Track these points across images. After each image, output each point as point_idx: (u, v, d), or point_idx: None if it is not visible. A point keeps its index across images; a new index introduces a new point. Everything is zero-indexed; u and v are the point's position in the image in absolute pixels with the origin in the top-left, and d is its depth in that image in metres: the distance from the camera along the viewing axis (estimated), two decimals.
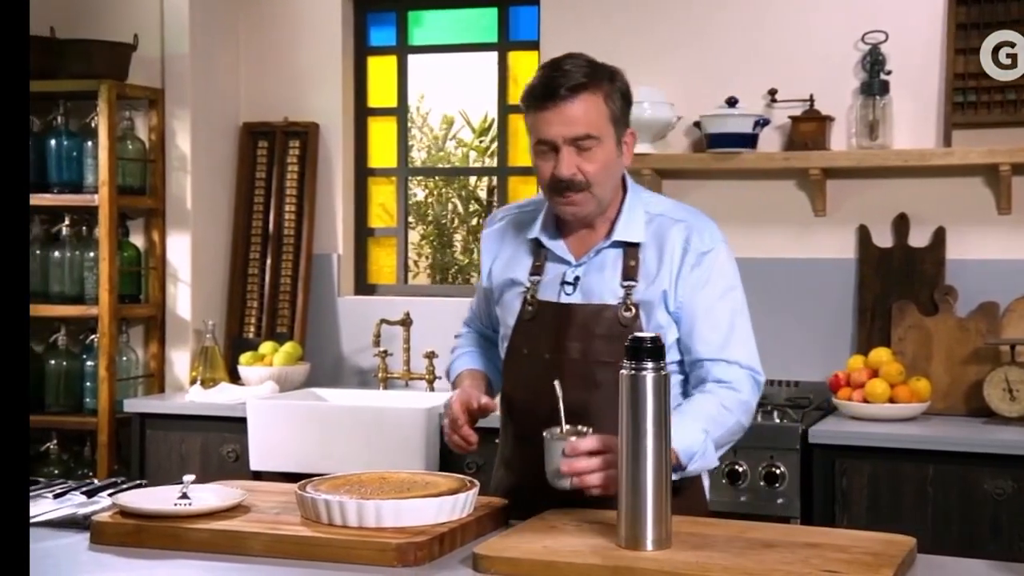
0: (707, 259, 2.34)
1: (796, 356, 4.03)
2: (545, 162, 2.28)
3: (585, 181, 2.27)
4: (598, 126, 2.26)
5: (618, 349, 2.11)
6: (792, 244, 4.06)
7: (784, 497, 3.50)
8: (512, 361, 2.41)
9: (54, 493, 2.39)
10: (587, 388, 2.29)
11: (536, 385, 2.31)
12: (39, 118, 4.49)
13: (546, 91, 2.25)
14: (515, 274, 2.41)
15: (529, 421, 2.30)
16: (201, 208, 4.46)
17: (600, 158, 2.27)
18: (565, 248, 2.38)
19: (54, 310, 4.39)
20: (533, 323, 2.36)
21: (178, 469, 4.00)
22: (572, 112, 2.24)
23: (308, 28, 4.54)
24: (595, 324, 2.31)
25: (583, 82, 2.25)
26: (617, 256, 2.34)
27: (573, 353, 2.31)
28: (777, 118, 4.02)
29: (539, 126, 2.26)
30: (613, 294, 2.32)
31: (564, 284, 2.36)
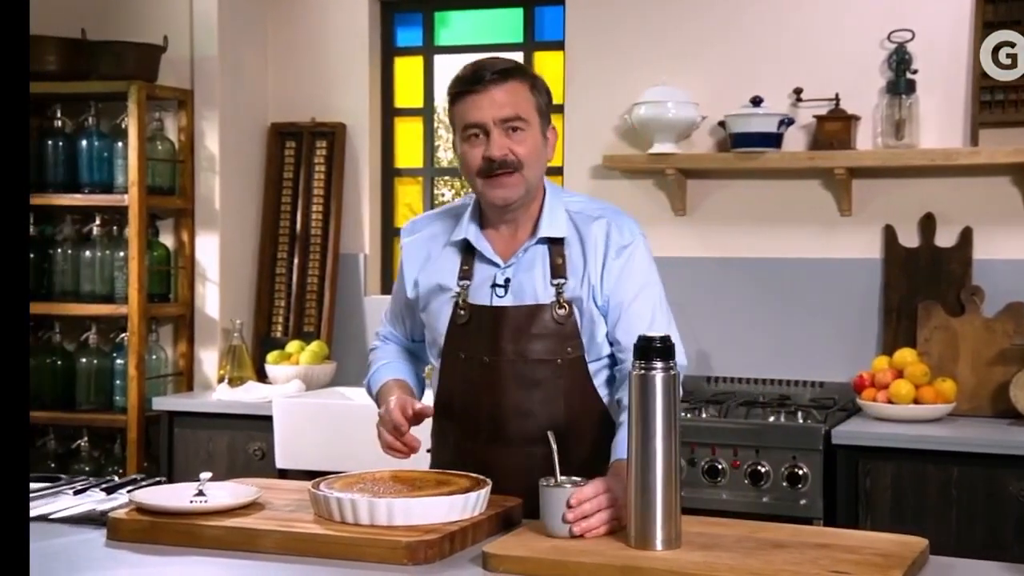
0: (626, 252, 2.38)
1: (821, 357, 4.01)
2: (474, 147, 2.32)
3: (517, 161, 2.31)
4: (526, 111, 2.32)
5: (555, 347, 2.30)
6: (817, 244, 4.04)
7: (807, 498, 3.49)
8: (449, 366, 2.42)
9: (74, 490, 2.42)
10: (527, 387, 2.34)
11: (477, 388, 2.36)
12: (70, 119, 4.55)
13: (475, 76, 2.31)
14: (442, 279, 2.42)
15: (472, 424, 2.37)
16: (229, 208, 4.50)
17: (529, 142, 2.33)
18: (492, 250, 2.41)
19: (85, 309, 4.44)
20: (467, 327, 2.38)
21: (206, 467, 4.03)
22: (501, 95, 2.30)
23: (335, 29, 4.57)
24: (531, 324, 2.34)
25: (510, 68, 2.33)
26: (544, 254, 2.38)
27: (511, 354, 2.34)
28: (802, 117, 4.00)
29: (468, 110, 2.31)
30: (544, 293, 2.36)
31: (495, 287, 2.38)
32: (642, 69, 4.14)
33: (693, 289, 4.15)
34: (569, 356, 2.35)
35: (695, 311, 4.14)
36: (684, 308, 4.11)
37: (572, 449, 2.26)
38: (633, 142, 4.17)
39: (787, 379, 4.03)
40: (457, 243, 2.42)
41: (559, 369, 2.35)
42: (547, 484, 2.07)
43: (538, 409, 2.33)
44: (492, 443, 2.36)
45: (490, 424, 2.36)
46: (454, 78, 2.36)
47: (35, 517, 2.25)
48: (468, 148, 2.33)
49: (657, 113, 4.00)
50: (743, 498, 3.54)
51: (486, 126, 2.30)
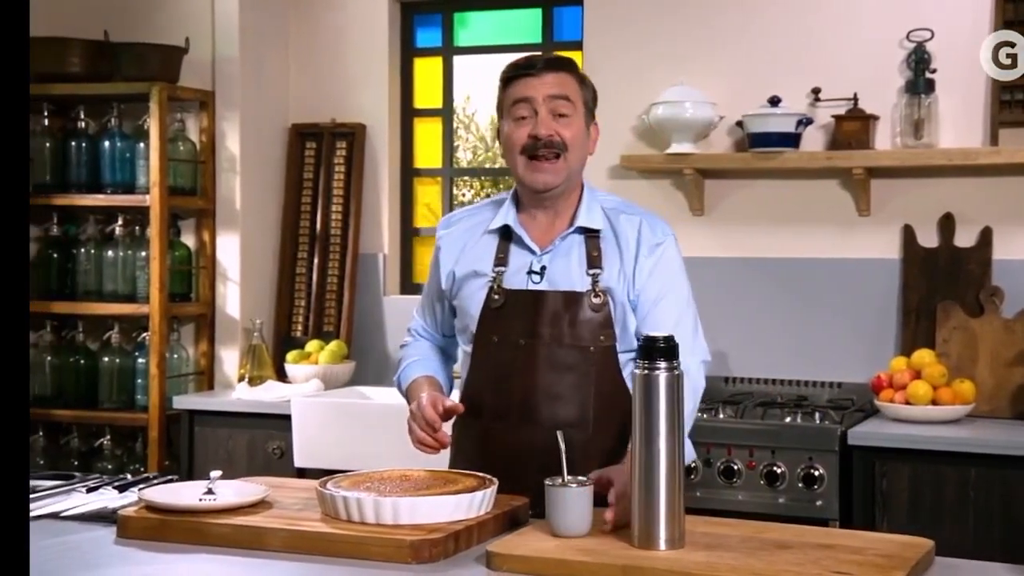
0: (658, 251, 2.44)
1: (839, 357, 4.00)
2: (520, 127, 2.41)
3: (562, 143, 2.39)
4: (574, 96, 2.42)
5: (589, 334, 2.36)
6: (835, 244, 4.03)
7: (823, 499, 3.48)
8: (481, 349, 2.46)
9: (87, 487, 2.44)
10: (559, 371, 2.39)
11: (510, 371, 2.41)
12: (93, 120, 4.59)
13: (528, 62, 2.44)
14: (478, 266, 2.48)
15: (503, 406, 2.42)
16: (250, 208, 4.53)
17: (575, 127, 2.42)
18: (529, 237, 2.46)
19: (108, 308, 4.48)
20: (501, 311, 2.43)
21: (225, 465, 4.07)
22: (551, 78, 2.41)
23: (355, 30, 4.59)
24: (567, 310, 2.40)
25: (562, 61, 2.47)
26: (580, 244, 2.44)
27: (547, 338, 2.40)
28: (820, 117, 3.99)
29: (519, 89, 2.41)
30: (580, 282, 2.41)
31: (531, 273, 2.44)
32: (660, 69, 4.13)
33: (711, 289, 4.13)
34: (602, 344, 2.40)
35: (713, 311, 4.10)
36: (702, 308, 4.06)
37: (598, 436, 2.32)
38: (651, 142, 4.17)
39: (805, 380, 4.02)
40: (494, 231, 2.48)
41: (591, 356, 2.39)
42: (553, 484, 2.08)
43: (569, 393, 2.38)
44: (522, 425, 2.39)
45: (521, 406, 2.40)
46: (508, 64, 2.47)
47: (47, 515, 2.28)
48: (514, 128, 2.41)
49: (675, 113, 4.00)
50: (759, 499, 3.53)
51: (535, 102, 2.38)
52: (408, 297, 4.59)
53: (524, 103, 2.39)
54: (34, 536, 2.13)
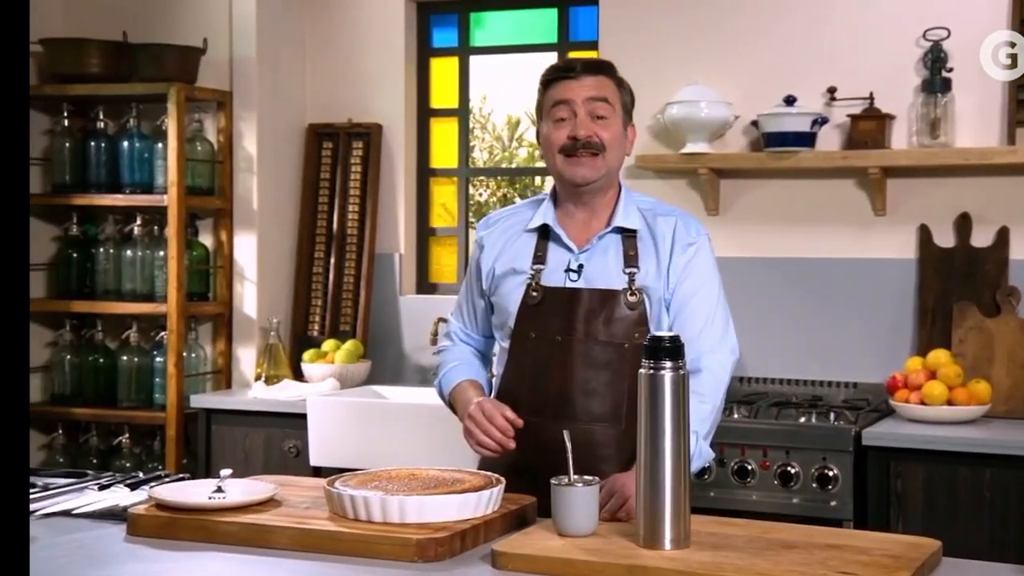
0: (691, 250, 2.50)
1: (855, 357, 3.99)
2: (559, 128, 2.46)
3: (600, 144, 2.45)
4: (612, 99, 2.49)
5: (624, 331, 2.41)
6: (851, 244, 4.01)
7: (837, 500, 3.47)
8: (519, 345, 2.50)
9: (99, 485, 2.46)
10: (595, 368, 2.44)
11: (546, 366, 2.46)
12: (112, 121, 4.62)
13: (566, 65, 2.52)
14: (517, 264, 2.53)
15: (539, 400, 2.45)
16: (267, 208, 4.55)
17: (613, 128, 2.48)
18: (567, 236, 2.51)
19: (126, 307, 4.51)
20: (539, 308, 2.48)
21: (242, 464, 4.09)
22: (590, 81, 2.47)
23: (372, 31, 4.60)
24: (603, 308, 2.45)
25: (601, 64, 2.54)
26: (617, 243, 2.49)
27: (582, 335, 2.45)
28: (836, 116, 3.98)
29: (559, 91, 2.46)
30: (617, 280, 2.46)
31: (568, 272, 2.49)
32: (675, 69, 4.13)
33: (726, 289, 4.09)
34: (636, 341, 2.42)
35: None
36: None
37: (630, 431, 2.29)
38: (666, 142, 4.17)
39: (820, 380, 4.01)
40: (533, 230, 2.53)
41: (626, 353, 2.43)
42: (559, 483, 2.09)
43: (603, 389, 2.44)
44: (557, 419, 2.41)
45: (557, 400, 2.44)
46: (549, 67, 2.54)
47: (59, 512, 2.30)
48: (553, 129, 2.47)
49: (690, 113, 4.00)
50: (773, 499, 3.52)
51: (574, 104, 2.44)
52: (424, 297, 4.61)
53: (563, 105, 2.45)
54: (45, 533, 2.16)
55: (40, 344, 4.71)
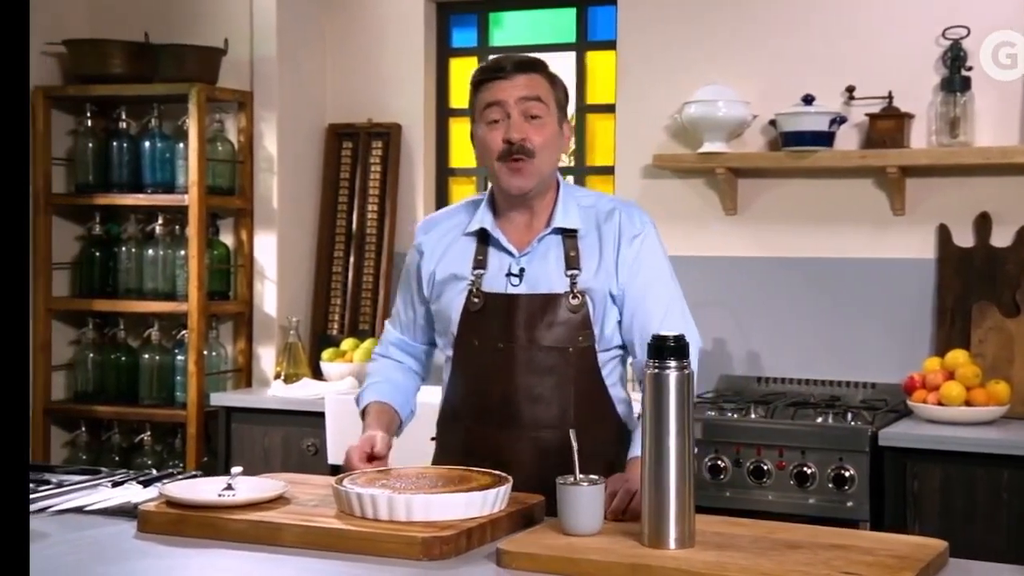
0: (638, 241, 2.45)
1: (873, 358, 3.97)
2: (493, 131, 2.41)
3: (532, 149, 2.38)
4: (546, 97, 2.42)
5: (567, 335, 2.39)
6: (870, 244, 4.00)
7: (853, 500, 3.46)
8: (462, 352, 2.47)
9: (113, 482, 2.48)
10: (539, 374, 2.41)
11: (490, 374, 2.43)
12: (135, 121, 4.66)
13: (497, 65, 2.45)
14: (457, 269, 2.48)
15: (484, 409, 2.44)
16: (287, 208, 4.58)
17: (546, 130, 2.41)
18: (507, 240, 2.47)
19: (148, 306, 4.55)
20: (480, 315, 2.44)
21: (261, 461, 4.12)
22: (522, 80, 2.41)
23: (392, 31, 4.62)
24: (545, 313, 2.41)
25: (532, 62, 2.46)
26: (558, 245, 2.45)
27: (524, 341, 2.41)
28: (855, 116, 3.96)
29: (491, 92, 2.41)
30: (559, 283, 2.42)
31: (509, 276, 2.45)
32: (693, 68, 4.13)
33: (744, 289, 4.13)
34: (580, 345, 2.41)
35: (746, 311, 4.13)
36: (735, 308, 4.14)
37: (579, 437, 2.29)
38: (684, 141, 4.16)
39: (838, 380, 4.00)
40: (472, 234, 2.49)
41: (570, 357, 2.41)
42: (565, 482, 2.09)
43: (549, 395, 2.41)
44: (504, 428, 2.41)
45: (502, 409, 2.42)
46: (479, 67, 2.50)
47: (72, 509, 2.32)
48: (487, 131, 2.42)
49: (707, 112, 3.99)
50: (788, 499, 3.52)
51: (507, 105, 2.39)
52: None
53: (496, 106, 2.40)
54: (58, 529, 2.19)
55: (63, 342, 4.76)
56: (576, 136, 4.50)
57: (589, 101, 4.48)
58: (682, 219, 4.18)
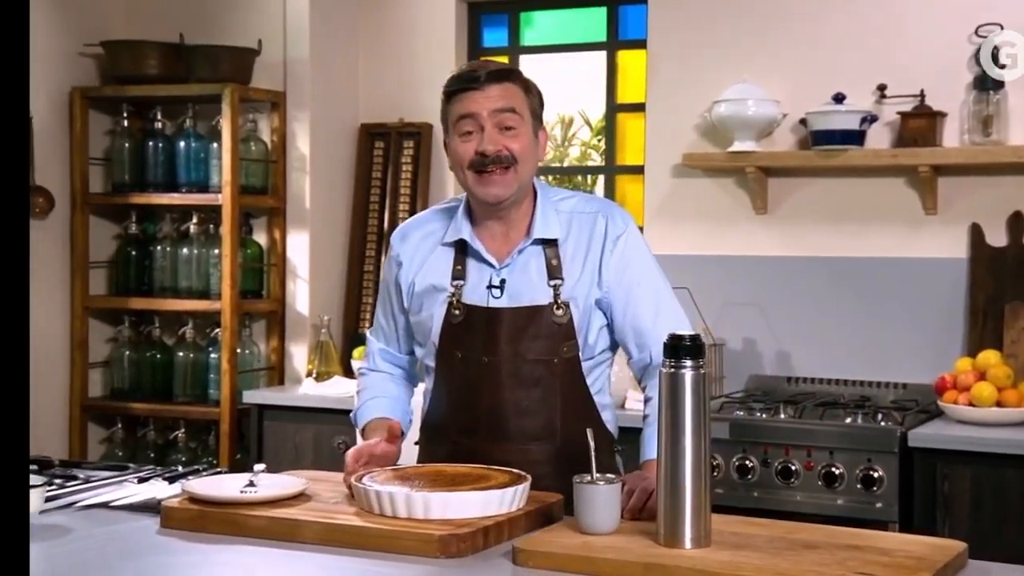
0: (621, 241, 2.43)
1: (905, 358, 3.95)
2: (466, 142, 2.36)
3: (511, 156, 2.35)
4: (520, 107, 2.37)
5: (552, 346, 2.37)
6: (901, 243, 3.97)
7: (882, 501, 3.44)
8: (445, 366, 2.45)
9: (138, 478, 2.52)
10: (525, 386, 2.39)
11: (476, 386, 2.41)
12: (170, 121, 4.71)
13: (469, 76, 2.38)
14: (436, 280, 2.44)
15: (470, 421, 2.43)
16: (319, 207, 4.61)
17: (523, 139, 2.37)
18: (487, 251, 2.43)
19: (183, 304, 4.59)
20: (461, 327, 2.41)
21: (293, 459, 4.15)
22: (495, 91, 2.35)
23: (424, 31, 4.64)
24: (529, 325, 2.38)
25: (506, 71, 2.40)
26: (539, 254, 2.42)
27: (509, 354, 2.39)
28: (886, 114, 3.94)
29: (464, 104, 2.36)
30: (542, 294, 2.40)
31: (491, 288, 2.41)
32: (724, 67, 4.12)
33: (774, 289, 4.12)
34: (565, 355, 2.40)
35: (776, 311, 4.12)
36: (765, 308, 4.13)
37: (566, 447, 2.33)
38: (714, 140, 4.15)
39: (869, 380, 3.98)
40: (450, 244, 2.45)
41: (556, 368, 2.39)
42: (581, 481, 2.10)
43: (536, 407, 2.40)
44: (490, 440, 2.40)
45: (489, 421, 2.41)
46: (451, 77, 2.42)
47: (97, 504, 2.35)
48: (460, 143, 2.37)
49: (737, 111, 3.98)
50: (817, 500, 3.50)
51: (480, 118, 2.34)
52: None
53: (469, 119, 2.34)
54: (83, 524, 2.22)
55: (100, 340, 4.82)
56: (606, 136, 4.50)
57: (620, 100, 4.48)
58: (712, 218, 4.18)
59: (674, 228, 4.23)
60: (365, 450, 2.38)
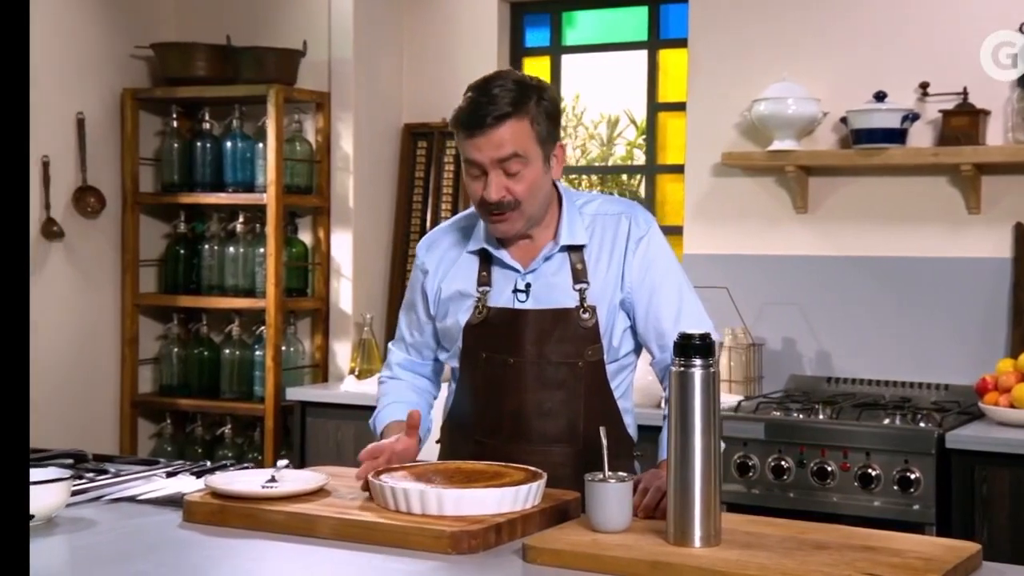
0: (644, 243, 2.45)
1: (946, 359, 3.90)
2: (475, 182, 2.37)
3: (514, 201, 2.35)
4: (525, 148, 2.33)
5: (577, 349, 2.38)
6: (944, 243, 3.93)
7: (920, 504, 3.40)
8: (469, 368, 2.47)
9: (167, 472, 2.56)
10: (549, 388, 2.41)
11: (499, 388, 2.43)
12: (217, 121, 4.78)
13: (473, 118, 2.32)
14: (462, 286, 2.47)
15: (493, 422, 2.45)
16: (363, 206, 4.65)
17: (528, 178, 2.34)
18: (511, 257, 2.44)
19: (229, 302, 4.66)
20: (486, 328, 2.43)
21: (334, 455, 4.19)
22: (499, 137, 2.31)
23: (466, 31, 4.66)
24: (555, 328, 2.40)
25: (508, 111, 2.30)
26: (563, 260, 2.44)
27: (533, 356, 2.40)
28: (929, 112, 3.89)
29: (468, 150, 2.34)
30: (568, 297, 2.41)
31: (516, 292, 2.43)
32: (764, 65, 4.10)
33: (814, 288, 4.09)
34: (590, 358, 2.41)
35: (816, 311, 4.09)
36: (805, 307, 4.10)
37: (588, 450, 2.32)
38: (754, 139, 4.13)
39: (910, 381, 3.94)
40: (474, 252, 2.47)
41: (580, 371, 2.41)
42: (593, 479, 2.10)
43: (558, 409, 2.41)
44: (513, 441, 2.42)
45: (512, 423, 2.43)
46: (455, 111, 2.36)
47: (125, 498, 2.40)
48: (471, 182, 2.39)
49: (777, 109, 3.96)
50: (853, 502, 3.47)
51: (484, 167, 2.33)
52: None
53: (474, 165, 2.34)
54: (108, 518, 2.27)
55: (151, 337, 4.90)
56: (647, 135, 4.50)
57: (661, 100, 4.47)
58: (752, 218, 4.16)
59: (714, 227, 4.21)
60: (386, 447, 2.40)
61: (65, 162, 4.54)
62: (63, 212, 4.53)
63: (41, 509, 2.17)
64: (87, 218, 4.61)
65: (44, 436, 4.18)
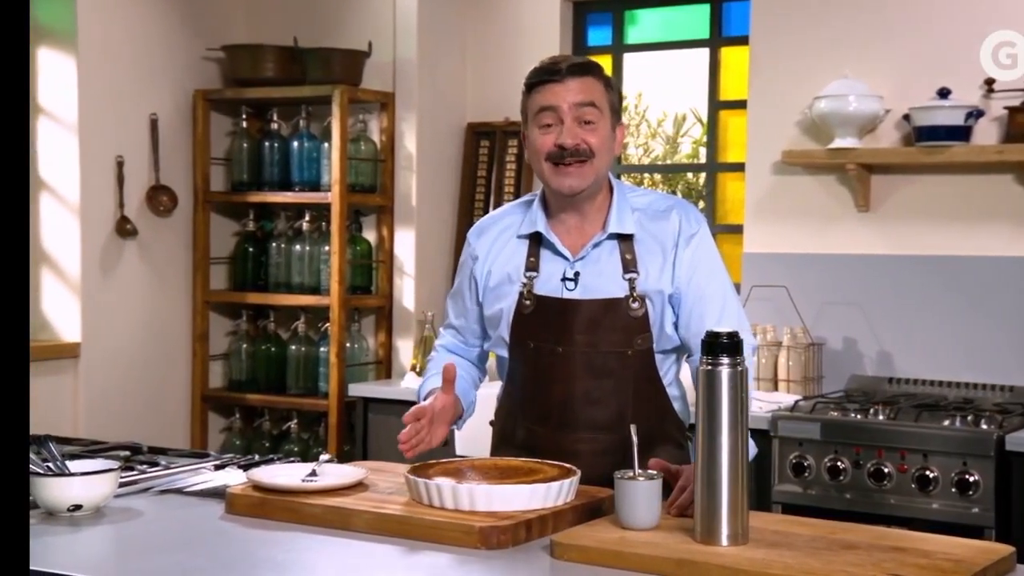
0: (694, 240, 2.46)
1: (1011, 360, 3.84)
2: (545, 134, 2.40)
3: (588, 150, 2.38)
4: (600, 101, 2.41)
5: (626, 338, 2.39)
6: (1009, 242, 3.85)
7: (978, 506, 3.35)
8: (517, 356, 2.49)
9: (215, 465, 2.62)
10: (597, 377, 2.42)
11: (548, 376, 2.45)
12: (285, 122, 4.86)
13: (553, 67, 2.42)
14: (511, 271, 2.49)
15: (542, 410, 2.48)
16: (426, 205, 4.70)
17: (601, 132, 2.41)
18: (561, 244, 2.46)
19: (296, 299, 4.74)
20: (533, 317, 2.45)
21: (396, 450, 4.20)
22: (578, 84, 2.39)
23: (529, 30, 4.68)
24: (604, 317, 2.41)
25: (587, 64, 2.45)
26: (613, 249, 2.45)
27: (583, 345, 2.42)
28: (994, 109, 3.83)
29: (545, 97, 2.40)
30: (617, 287, 2.42)
31: (565, 280, 2.44)
32: (826, 62, 4.05)
33: (876, 288, 4.04)
34: (639, 347, 2.42)
35: (878, 310, 4.04)
36: (866, 307, 4.06)
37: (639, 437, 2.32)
38: (815, 137, 4.10)
39: (973, 382, 3.87)
40: (525, 236, 2.50)
41: (629, 360, 2.42)
42: (622, 477, 2.11)
43: (607, 398, 2.43)
44: (561, 429, 2.45)
45: (560, 411, 2.45)
46: (533, 69, 2.47)
47: (172, 490, 2.46)
48: (540, 134, 2.41)
49: (838, 107, 3.92)
50: (911, 504, 3.43)
51: (561, 110, 2.38)
52: None
53: (549, 111, 2.39)
54: (154, 509, 2.33)
55: (221, 333, 5.00)
56: (708, 133, 4.48)
57: (722, 98, 4.45)
58: (813, 216, 4.12)
59: (774, 226, 4.18)
60: (427, 408, 2.45)
61: (139, 162, 4.65)
62: (136, 211, 4.64)
63: (88, 499, 2.24)
64: (160, 216, 4.72)
65: (117, 430, 4.30)
